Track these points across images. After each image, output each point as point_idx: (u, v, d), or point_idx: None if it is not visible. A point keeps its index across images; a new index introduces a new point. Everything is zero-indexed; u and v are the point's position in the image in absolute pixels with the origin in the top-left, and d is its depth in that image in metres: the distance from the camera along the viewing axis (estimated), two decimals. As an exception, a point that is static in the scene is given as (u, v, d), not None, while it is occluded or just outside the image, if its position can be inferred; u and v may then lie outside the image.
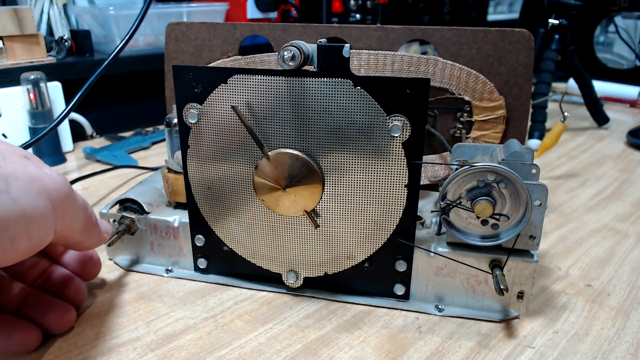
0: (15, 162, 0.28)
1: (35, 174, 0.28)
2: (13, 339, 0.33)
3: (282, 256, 0.41)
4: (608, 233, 0.53)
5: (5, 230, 0.26)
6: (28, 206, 0.27)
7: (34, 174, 0.28)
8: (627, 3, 1.20)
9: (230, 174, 0.39)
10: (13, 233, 0.26)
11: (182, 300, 0.41)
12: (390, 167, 0.36)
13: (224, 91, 0.37)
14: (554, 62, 0.87)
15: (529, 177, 0.36)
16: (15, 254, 0.27)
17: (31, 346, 0.34)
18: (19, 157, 0.28)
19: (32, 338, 0.34)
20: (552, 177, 0.69)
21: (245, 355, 0.35)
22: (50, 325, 0.35)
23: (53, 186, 0.29)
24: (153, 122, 0.90)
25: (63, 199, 0.30)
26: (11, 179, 0.27)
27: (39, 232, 0.28)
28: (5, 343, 0.33)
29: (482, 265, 0.38)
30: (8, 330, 0.33)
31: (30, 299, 0.35)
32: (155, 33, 0.91)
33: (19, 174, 0.27)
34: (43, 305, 0.35)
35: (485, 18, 1.61)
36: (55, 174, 0.30)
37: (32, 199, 0.27)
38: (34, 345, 0.34)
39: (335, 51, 0.34)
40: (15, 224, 0.26)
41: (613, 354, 0.35)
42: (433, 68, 0.48)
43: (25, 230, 0.27)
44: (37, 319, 0.35)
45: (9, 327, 0.33)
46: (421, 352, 0.35)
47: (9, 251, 0.27)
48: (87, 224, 0.34)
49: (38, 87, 0.69)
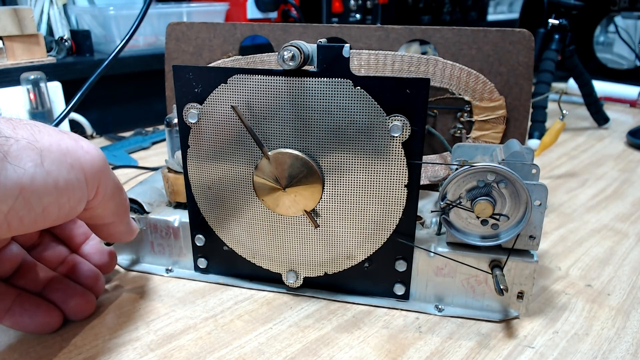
0: (51, 135, 0.29)
1: (70, 147, 0.30)
2: (37, 319, 0.35)
3: (282, 256, 0.41)
4: (608, 233, 0.53)
5: (38, 200, 0.27)
6: (60, 178, 0.28)
7: (69, 146, 0.30)
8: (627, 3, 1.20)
9: (230, 174, 0.39)
10: (45, 203, 0.28)
11: (182, 300, 0.41)
12: (390, 167, 0.36)
13: (224, 91, 0.37)
14: (554, 62, 0.87)
15: (529, 177, 0.36)
16: (45, 221, 0.29)
17: (53, 328, 0.36)
18: (54, 132, 0.30)
19: (54, 320, 0.36)
20: (552, 177, 0.69)
21: (245, 355, 0.35)
22: (71, 311, 0.37)
23: (87, 158, 0.30)
24: (153, 122, 0.90)
25: (97, 172, 0.31)
26: (45, 152, 0.28)
27: (69, 201, 0.29)
28: (29, 322, 0.35)
29: (482, 265, 0.38)
30: (33, 311, 0.35)
31: (53, 284, 0.37)
32: (155, 33, 0.91)
33: (54, 147, 0.29)
34: (66, 290, 0.37)
35: (485, 18, 1.61)
36: (92, 147, 0.31)
37: (65, 171, 0.29)
38: (55, 327, 0.36)
39: (335, 51, 0.34)
40: (48, 195, 0.28)
41: (613, 354, 0.35)
42: (433, 68, 0.48)
43: (56, 200, 0.28)
44: (59, 303, 0.36)
45: (34, 308, 0.35)
46: (421, 352, 0.35)
47: (40, 218, 0.28)
48: (120, 206, 0.35)
49: (38, 87, 0.69)
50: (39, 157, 0.28)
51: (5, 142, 0.26)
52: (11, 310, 0.34)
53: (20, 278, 0.36)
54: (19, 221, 0.27)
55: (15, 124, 0.28)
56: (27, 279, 0.36)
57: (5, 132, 0.27)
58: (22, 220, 0.27)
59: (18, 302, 0.35)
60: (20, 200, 0.27)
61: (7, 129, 0.27)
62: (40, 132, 0.29)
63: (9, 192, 0.26)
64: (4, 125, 0.27)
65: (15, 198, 0.26)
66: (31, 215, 0.28)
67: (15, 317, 0.34)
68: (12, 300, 0.34)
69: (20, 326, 0.35)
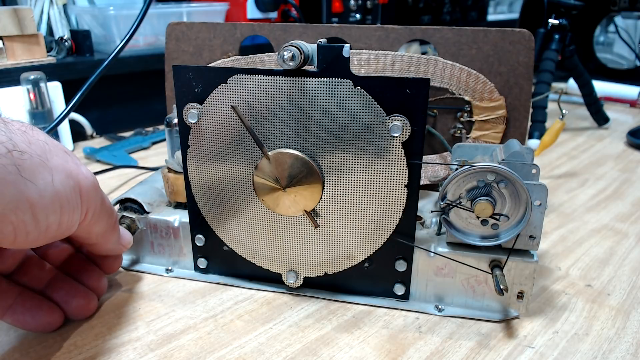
0: (60, 157, 0.31)
1: (73, 170, 0.31)
2: (38, 318, 0.35)
3: (282, 256, 0.41)
4: (608, 233, 0.53)
5: (45, 217, 0.29)
6: (64, 198, 0.30)
7: (72, 170, 0.31)
8: (627, 3, 1.20)
9: (230, 174, 0.39)
10: (50, 220, 0.29)
11: (182, 300, 0.41)
12: (390, 167, 0.36)
13: (224, 91, 0.37)
14: (554, 62, 0.87)
15: (529, 177, 0.36)
16: (45, 237, 0.30)
17: (53, 327, 0.36)
18: (62, 153, 0.31)
19: (55, 319, 0.36)
20: (552, 177, 0.69)
21: (245, 355, 0.35)
22: (73, 311, 0.37)
23: (85, 184, 0.32)
24: (153, 122, 0.90)
25: (91, 198, 0.33)
26: (55, 172, 0.29)
27: (67, 222, 0.31)
28: (30, 321, 0.35)
29: (482, 265, 0.38)
30: (35, 310, 0.35)
31: (56, 282, 0.37)
32: (155, 33, 0.91)
33: (61, 169, 0.30)
34: (68, 290, 0.37)
35: (485, 18, 1.61)
36: (89, 174, 0.33)
37: (68, 192, 0.30)
38: (55, 326, 0.36)
39: (335, 51, 0.34)
40: (53, 212, 0.29)
41: (613, 354, 0.35)
42: (433, 68, 0.48)
43: (58, 219, 0.30)
44: (61, 302, 0.37)
45: (36, 307, 0.35)
46: (421, 352, 0.35)
47: (42, 235, 0.29)
48: (107, 228, 0.36)
49: (38, 87, 0.69)
50: (50, 176, 0.29)
51: (20, 157, 0.27)
52: (12, 308, 0.34)
53: (23, 275, 0.36)
54: (25, 235, 0.28)
55: (30, 138, 0.29)
56: (30, 276, 0.37)
57: (21, 147, 0.28)
58: (28, 235, 0.28)
59: (20, 300, 0.35)
60: (29, 215, 0.27)
61: (23, 143, 0.28)
62: (50, 151, 0.30)
63: (21, 205, 0.27)
64: (20, 139, 0.28)
65: (25, 212, 0.27)
66: (36, 231, 0.29)
67: (16, 314, 0.34)
68: (13, 298, 0.35)
69: (21, 324, 0.35)
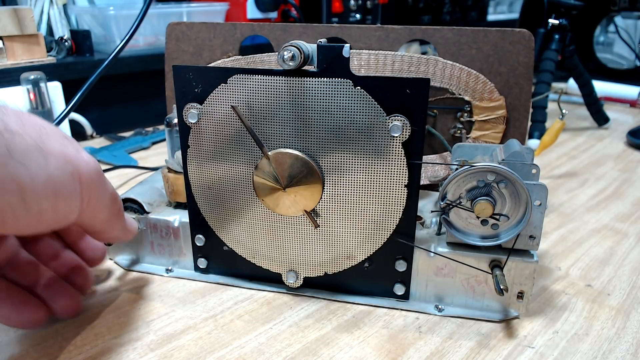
0: (57, 141, 0.30)
1: (72, 156, 0.30)
2: (23, 315, 0.35)
3: (282, 256, 0.41)
4: (608, 233, 0.53)
5: (36, 202, 0.27)
6: (60, 184, 0.29)
7: (71, 155, 0.30)
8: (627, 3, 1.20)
9: (230, 174, 0.39)
10: (43, 206, 0.28)
11: (182, 300, 0.41)
12: (390, 167, 0.36)
13: (224, 91, 0.37)
14: (554, 62, 0.87)
15: (529, 177, 0.36)
16: (39, 224, 0.29)
17: (37, 324, 0.36)
18: (60, 137, 0.30)
19: (40, 317, 0.36)
20: (552, 177, 0.69)
21: (245, 355, 0.35)
22: (59, 310, 0.37)
23: (86, 170, 0.31)
24: (153, 122, 0.90)
25: (92, 184, 0.31)
26: (51, 156, 0.28)
27: (64, 209, 0.30)
28: (15, 317, 0.34)
29: (482, 265, 0.38)
30: (21, 306, 0.35)
31: (44, 280, 0.37)
32: (155, 33, 0.91)
33: (57, 153, 0.29)
34: (56, 289, 0.37)
35: (485, 18, 1.61)
36: (91, 160, 0.32)
37: (65, 178, 0.29)
38: (39, 324, 0.36)
39: (335, 51, 0.34)
40: (46, 198, 0.28)
41: (613, 354, 0.35)
42: (433, 68, 0.48)
43: (52, 205, 0.29)
44: (48, 301, 0.36)
45: (22, 303, 0.35)
46: (421, 352, 0.35)
47: (35, 221, 0.28)
48: (112, 215, 0.35)
49: (38, 87, 0.69)
50: (44, 160, 0.28)
51: (10, 137, 0.26)
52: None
53: (11, 270, 0.36)
54: (15, 220, 0.27)
55: (24, 121, 0.28)
56: (19, 272, 0.36)
57: (12, 127, 0.27)
58: (17, 219, 0.27)
59: (6, 295, 0.34)
60: (17, 198, 0.26)
61: (15, 124, 0.27)
62: (47, 135, 0.29)
63: (7, 187, 0.26)
64: (12, 119, 0.27)
65: (13, 195, 0.26)
66: (27, 217, 0.28)
67: (2, 310, 0.34)
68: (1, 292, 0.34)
69: (6, 319, 0.35)
